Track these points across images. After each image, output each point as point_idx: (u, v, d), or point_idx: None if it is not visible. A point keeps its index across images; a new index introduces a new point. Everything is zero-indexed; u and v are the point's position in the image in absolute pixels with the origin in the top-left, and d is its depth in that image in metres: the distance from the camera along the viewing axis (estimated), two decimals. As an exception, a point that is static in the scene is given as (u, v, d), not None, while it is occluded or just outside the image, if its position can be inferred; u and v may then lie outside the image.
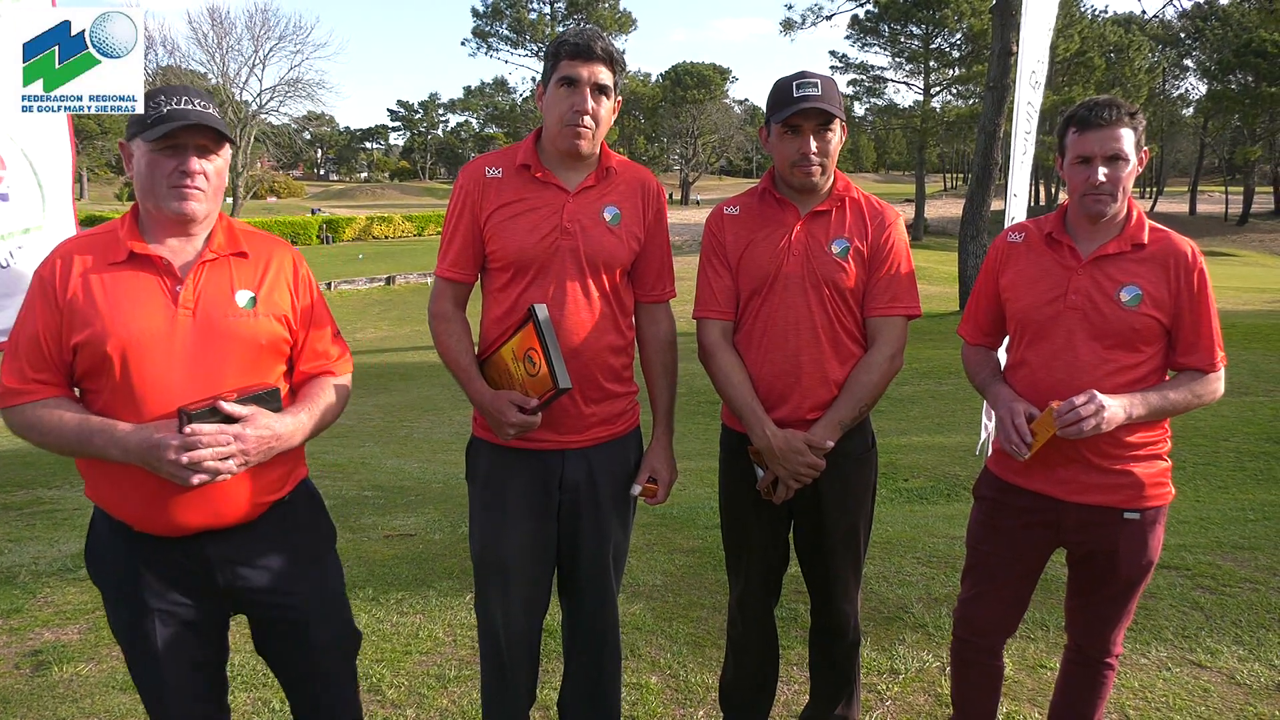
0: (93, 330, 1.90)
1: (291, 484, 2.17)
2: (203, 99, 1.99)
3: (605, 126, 2.42)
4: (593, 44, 2.32)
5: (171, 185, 1.95)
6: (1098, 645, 2.53)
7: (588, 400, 2.45)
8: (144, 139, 1.94)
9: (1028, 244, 2.48)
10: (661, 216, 2.58)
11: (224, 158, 2.04)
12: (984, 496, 2.59)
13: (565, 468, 2.47)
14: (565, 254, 2.40)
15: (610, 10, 71.98)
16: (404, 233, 51.80)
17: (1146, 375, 2.33)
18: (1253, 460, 7.36)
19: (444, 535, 5.32)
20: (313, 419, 2.07)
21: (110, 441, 1.87)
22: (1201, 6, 47.50)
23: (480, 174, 2.45)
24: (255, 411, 1.94)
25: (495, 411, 2.37)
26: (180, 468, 1.83)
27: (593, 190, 2.45)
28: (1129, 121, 2.29)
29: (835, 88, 2.49)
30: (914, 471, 7.95)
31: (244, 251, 2.07)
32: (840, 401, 2.51)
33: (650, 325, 2.62)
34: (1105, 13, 61.99)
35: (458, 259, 2.47)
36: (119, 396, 1.92)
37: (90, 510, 2.14)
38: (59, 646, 3.73)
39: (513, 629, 2.54)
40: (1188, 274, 2.30)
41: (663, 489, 2.61)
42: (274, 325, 2.05)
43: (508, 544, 2.48)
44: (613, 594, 2.61)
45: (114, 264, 1.96)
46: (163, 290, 1.96)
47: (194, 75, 52.65)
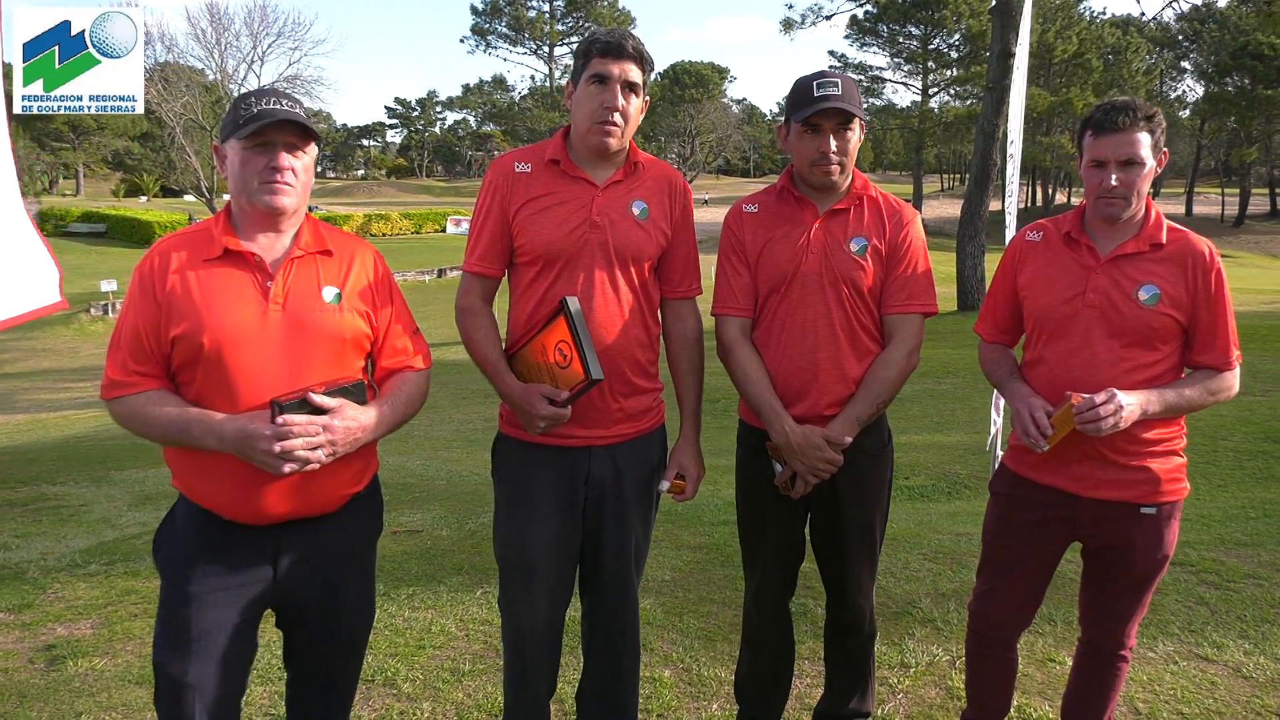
0: (190, 324, 1.98)
1: (368, 478, 2.25)
2: (289, 99, 2.07)
3: (634, 124, 2.44)
4: (624, 43, 2.35)
5: (262, 181, 2.03)
6: (1111, 639, 2.56)
7: (615, 395, 2.47)
8: (236, 138, 2.03)
9: (1046, 243, 2.51)
10: (688, 213, 2.60)
11: (311, 155, 2.11)
12: (999, 492, 2.62)
13: (592, 464, 2.49)
14: (594, 247, 2.42)
15: (609, 9, 71.98)
16: (401, 230, 51.80)
17: (1163, 373, 2.36)
18: (1251, 459, 7.42)
19: (451, 531, 5.34)
20: (395, 413, 2.13)
21: (207, 431, 1.95)
22: (1199, 9, 47.61)
23: (510, 169, 2.47)
24: (343, 403, 2.00)
25: (526, 405, 2.38)
26: (273, 456, 1.90)
27: (621, 185, 2.47)
28: (1145, 125, 2.30)
29: (855, 87, 2.51)
30: (915, 470, 7.98)
31: (329, 250, 2.14)
32: (858, 398, 2.53)
33: (677, 322, 2.64)
34: (1103, 14, 62.15)
35: (486, 253, 2.48)
36: (212, 387, 2.00)
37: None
38: (72, 641, 3.74)
39: (537, 624, 2.56)
40: (1205, 274, 2.33)
41: (691, 485, 2.63)
42: (357, 321, 2.12)
43: (534, 541, 2.49)
44: (633, 590, 2.63)
45: (209, 260, 2.04)
46: (254, 285, 2.04)
47: (192, 72, 52.48)
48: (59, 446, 10.15)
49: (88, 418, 13.32)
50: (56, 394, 17.93)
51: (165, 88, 50.11)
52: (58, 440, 10.70)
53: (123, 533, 5.64)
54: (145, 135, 61.91)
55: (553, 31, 72.74)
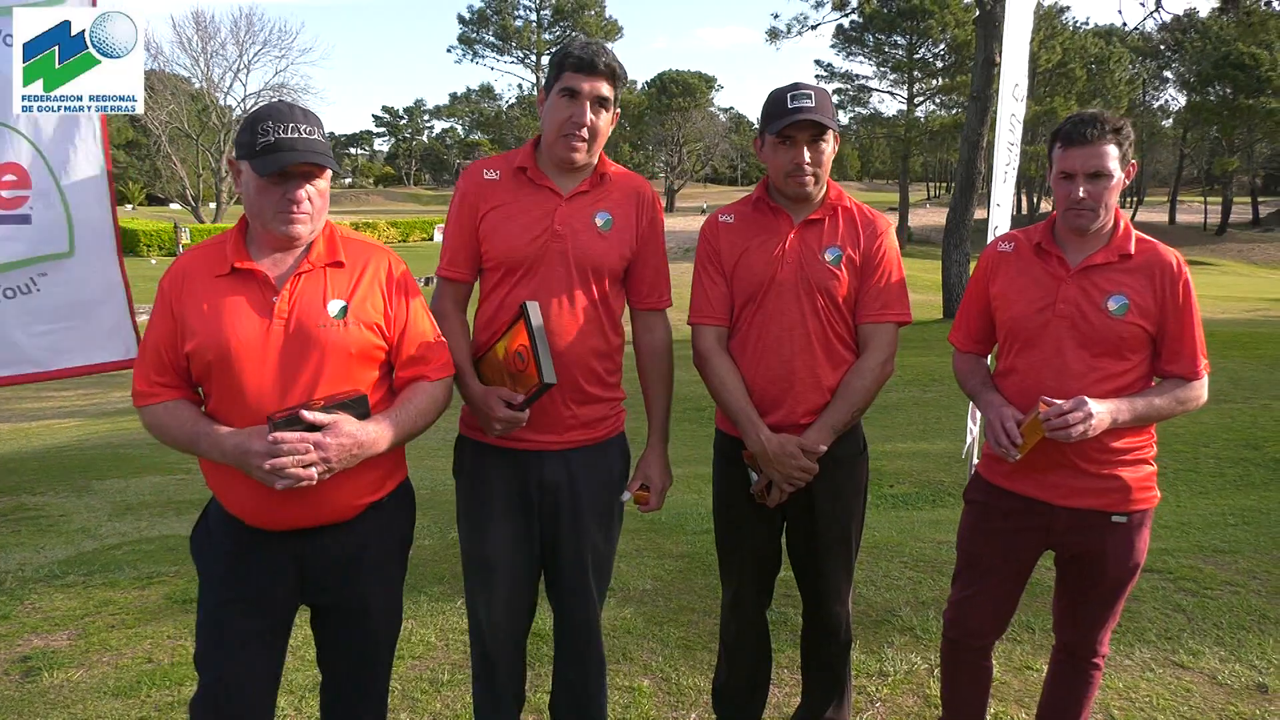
0: (199, 339, 2.03)
1: (390, 487, 2.25)
2: (309, 123, 2.03)
3: (603, 138, 2.46)
4: (597, 59, 2.37)
5: (278, 211, 2.04)
6: (1085, 645, 2.58)
7: (567, 402, 2.49)
8: (252, 167, 2.01)
9: (1017, 254, 2.53)
10: (656, 225, 2.61)
11: (327, 178, 2.11)
12: (974, 500, 2.64)
13: (544, 468, 2.51)
14: (554, 256, 2.44)
15: (596, 18, 72.21)
16: (389, 239, 51.63)
17: (1133, 382, 2.38)
18: (1231, 466, 7.46)
19: (434, 541, 5.32)
20: (400, 425, 2.12)
21: (211, 445, 2.02)
22: (1181, 19, 48.09)
23: (479, 176, 2.51)
24: (338, 419, 1.99)
25: (484, 407, 2.41)
26: (265, 473, 1.92)
27: (586, 196, 2.49)
28: (1113, 138, 2.33)
29: (829, 99, 2.54)
30: (899, 478, 8.00)
31: (340, 261, 2.14)
32: (833, 406, 2.55)
33: (645, 333, 2.66)
34: (1087, 24, 62.74)
35: (455, 258, 2.52)
36: (225, 400, 2.05)
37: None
38: (49, 653, 3.71)
39: (497, 626, 2.59)
40: (1173, 284, 2.35)
41: (655, 496, 2.64)
42: (365, 334, 2.11)
43: (491, 540, 2.53)
44: (594, 600, 2.62)
45: (219, 276, 2.08)
46: (260, 301, 2.06)
47: (178, 80, 52.38)
48: (40, 456, 10.05)
49: (70, 427, 13.21)
50: (40, 403, 17.75)
51: (151, 96, 49.94)
52: (39, 449, 10.59)
53: (102, 543, 5.60)
54: (131, 143, 61.75)
55: (540, 41, 72.88)
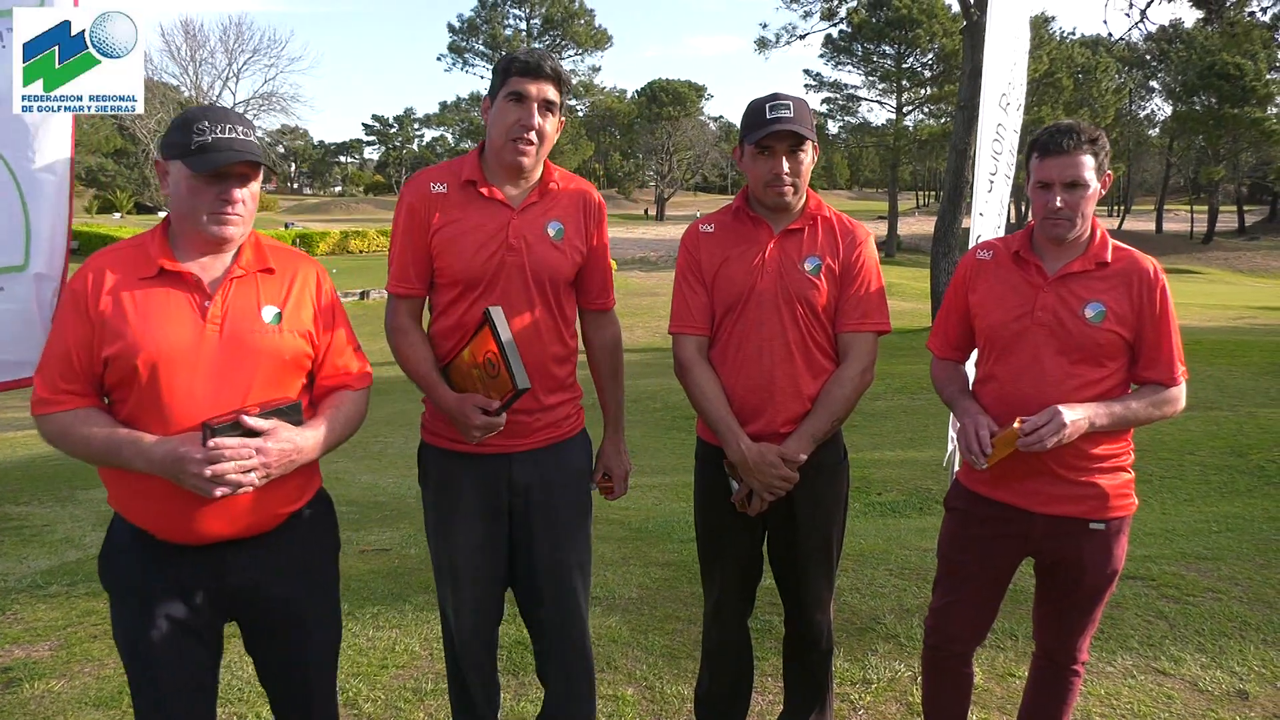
0: (124, 343, 1.94)
1: (308, 495, 2.22)
2: (243, 125, 2.02)
3: (549, 143, 2.47)
4: (543, 63, 2.39)
5: (212, 212, 1.99)
6: (1065, 652, 2.59)
7: (529, 412, 2.50)
8: (186, 166, 1.97)
9: (996, 262, 2.55)
10: (603, 229, 2.66)
11: (259, 181, 2.08)
12: (954, 507, 2.65)
13: (513, 470, 2.52)
14: (512, 269, 2.45)
15: (586, 27, 72.34)
16: (378, 247, 51.50)
17: (1111, 389, 2.40)
18: (1217, 474, 7.50)
19: (419, 550, 5.31)
20: (332, 433, 2.11)
21: (137, 454, 1.91)
22: (1166, 30, 48.47)
23: (425, 189, 2.48)
24: (277, 425, 1.97)
25: (461, 415, 2.40)
26: (204, 480, 1.87)
27: (536, 206, 2.50)
28: (1089, 148, 2.36)
29: (807, 109, 2.56)
30: (887, 485, 8.03)
31: (270, 268, 2.11)
32: (813, 415, 2.56)
33: (597, 331, 2.73)
34: (1073, 34, 63.10)
35: (406, 274, 2.51)
36: (145, 408, 1.96)
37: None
38: (30, 663, 3.69)
39: (464, 629, 2.60)
40: (1150, 291, 2.37)
41: (618, 484, 2.72)
42: (298, 341, 2.09)
43: (457, 543, 2.54)
44: (579, 604, 2.61)
45: (145, 279, 2.00)
46: (192, 306, 2.00)
47: (167, 88, 52.26)
48: (24, 465, 9.98)
49: (56, 436, 13.17)
50: (23, 412, 17.75)
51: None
52: (23, 459, 10.52)
53: (86, 553, 5.56)
54: (119, 152, 61.50)
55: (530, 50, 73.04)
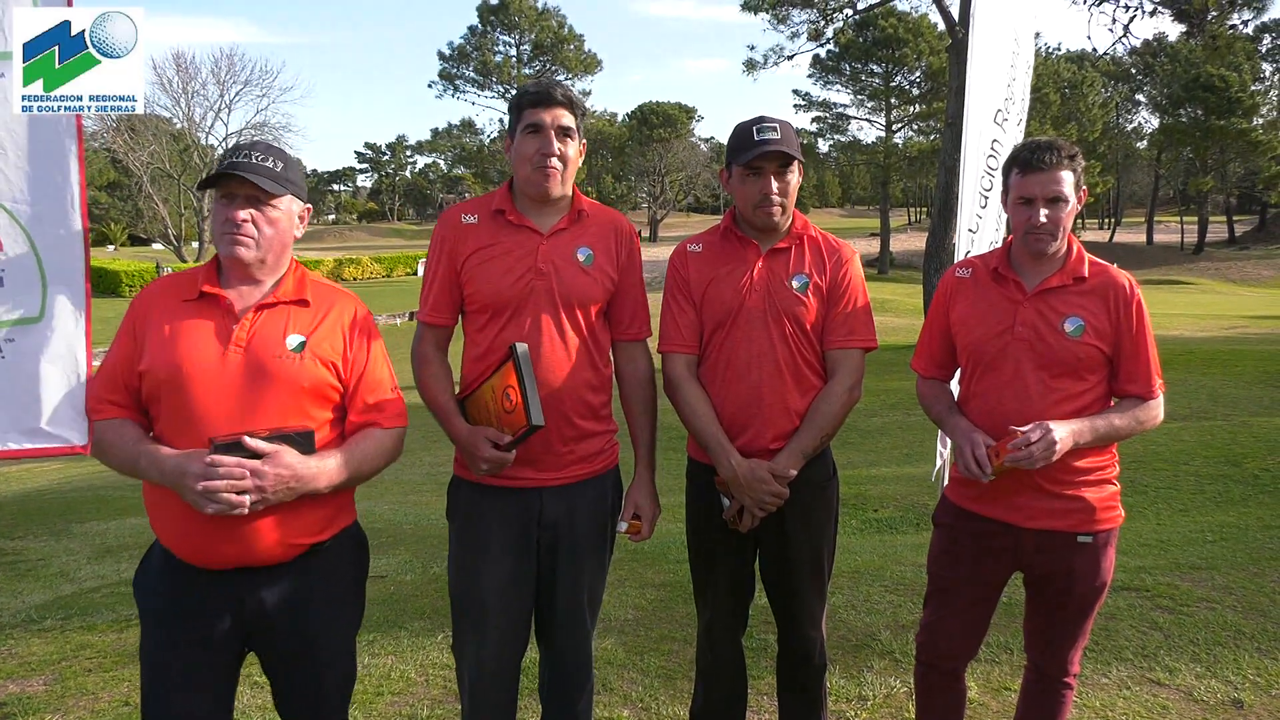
0: (154, 360, 2.06)
1: (334, 529, 2.22)
2: (264, 153, 2.13)
3: (574, 167, 2.50)
4: (551, 90, 2.43)
5: (224, 232, 2.10)
6: (1056, 665, 2.61)
7: (564, 439, 2.50)
8: (200, 188, 2.25)
9: (975, 279, 2.59)
10: (634, 258, 2.66)
11: (282, 208, 2.15)
12: (943, 523, 2.67)
13: (544, 505, 2.51)
14: (540, 294, 2.47)
15: (575, 52, 72.88)
16: (373, 274, 51.65)
17: (1092, 403, 2.43)
18: (1211, 483, 7.51)
19: (415, 576, 5.31)
20: (344, 468, 2.11)
21: (151, 464, 2.01)
22: (1150, 44, 48.94)
23: (456, 221, 2.53)
24: (279, 450, 1.99)
25: (470, 447, 2.43)
26: (196, 495, 1.92)
27: (566, 233, 2.53)
28: (1069, 164, 2.41)
29: (793, 130, 2.60)
30: (883, 502, 8.02)
31: (306, 300, 2.18)
32: (802, 431, 2.58)
33: (628, 364, 2.70)
34: (1058, 49, 63.59)
35: (436, 304, 2.55)
36: (174, 424, 2.06)
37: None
38: (24, 698, 3.68)
39: (488, 666, 2.55)
40: (1126, 306, 2.41)
41: (647, 525, 2.67)
42: (319, 370, 2.12)
43: (487, 581, 2.51)
44: (588, 634, 2.64)
45: (185, 300, 2.13)
46: (219, 328, 2.10)
47: (159, 120, 52.45)
48: (19, 500, 9.96)
49: (51, 470, 13.08)
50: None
51: (132, 136, 49.97)
52: (18, 494, 10.50)
53: (80, 586, 5.55)
54: (112, 184, 61.62)
55: (520, 76, 73.39)
